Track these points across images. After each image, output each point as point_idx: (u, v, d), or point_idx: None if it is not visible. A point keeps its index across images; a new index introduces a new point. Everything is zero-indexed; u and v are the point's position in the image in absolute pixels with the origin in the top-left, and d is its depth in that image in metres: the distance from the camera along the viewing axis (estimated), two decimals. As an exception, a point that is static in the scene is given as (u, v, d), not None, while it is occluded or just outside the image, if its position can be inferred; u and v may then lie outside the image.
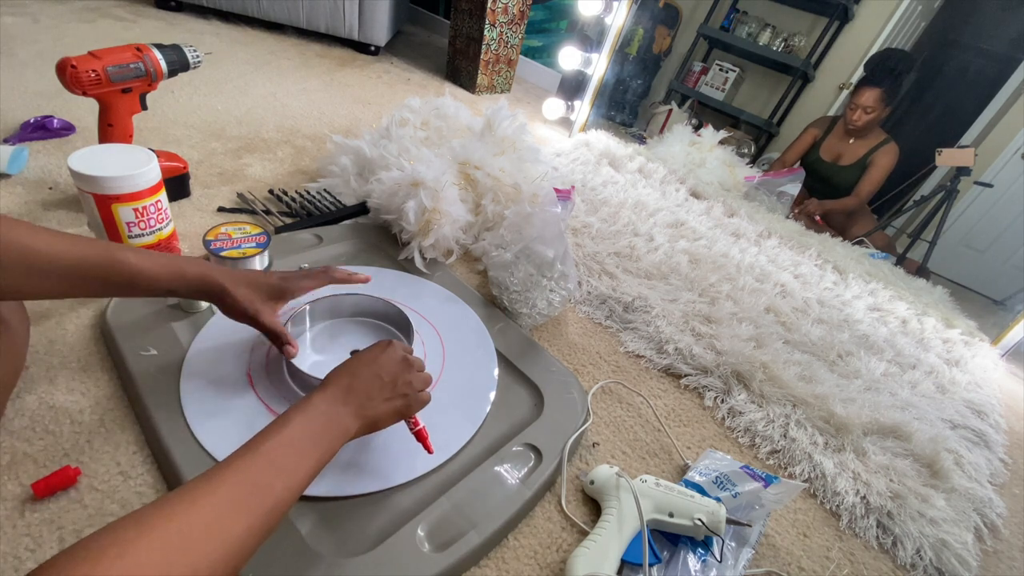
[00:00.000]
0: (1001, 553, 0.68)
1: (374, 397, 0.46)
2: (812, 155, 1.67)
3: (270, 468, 0.36)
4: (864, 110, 1.51)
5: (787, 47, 1.75)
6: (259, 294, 0.54)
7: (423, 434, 0.53)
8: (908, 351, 1.03)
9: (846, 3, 1.60)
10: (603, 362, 0.81)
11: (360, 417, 0.45)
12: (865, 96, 1.51)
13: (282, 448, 0.38)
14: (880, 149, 1.54)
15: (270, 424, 0.40)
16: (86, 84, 0.70)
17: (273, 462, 0.37)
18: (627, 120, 2.06)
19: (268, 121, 1.23)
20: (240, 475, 0.35)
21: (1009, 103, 1.42)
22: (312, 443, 0.40)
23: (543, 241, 0.81)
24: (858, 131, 1.55)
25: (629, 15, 1.52)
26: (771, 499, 0.57)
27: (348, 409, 0.44)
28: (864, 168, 1.56)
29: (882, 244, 1.54)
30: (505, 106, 1.03)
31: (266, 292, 0.55)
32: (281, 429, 0.39)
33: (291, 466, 0.38)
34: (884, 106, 1.50)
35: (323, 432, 0.41)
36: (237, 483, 0.34)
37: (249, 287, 0.54)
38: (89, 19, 1.50)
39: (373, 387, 0.47)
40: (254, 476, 0.35)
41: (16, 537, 0.43)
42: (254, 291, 0.54)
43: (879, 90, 1.49)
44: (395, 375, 0.49)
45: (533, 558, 0.52)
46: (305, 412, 0.42)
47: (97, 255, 0.45)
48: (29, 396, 0.53)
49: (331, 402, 0.44)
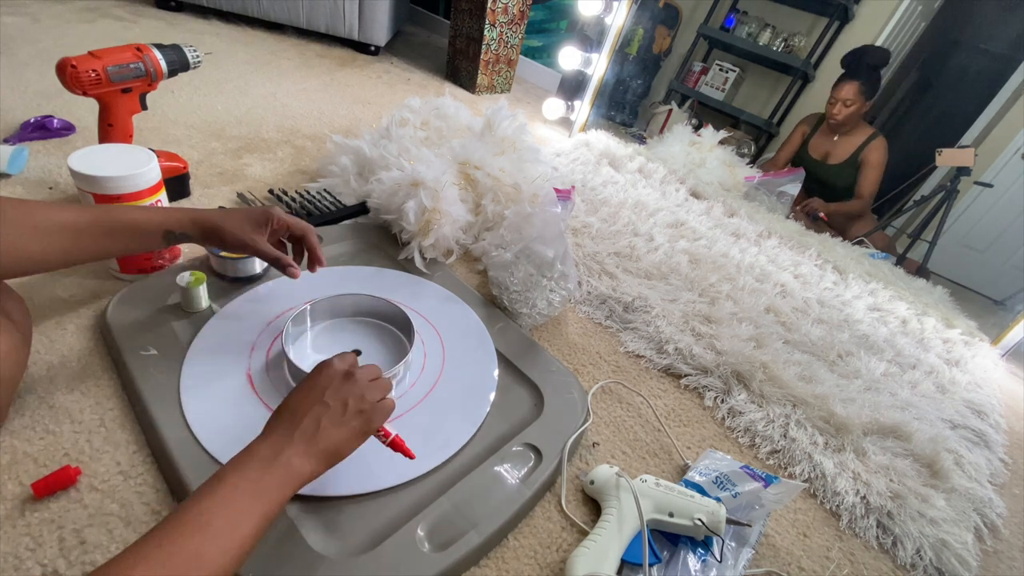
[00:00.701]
0: (1001, 553, 0.68)
1: (324, 427, 0.43)
2: (801, 152, 1.67)
3: (199, 535, 0.34)
4: (844, 103, 1.52)
5: (787, 47, 1.74)
6: (248, 223, 0.57)
7: (398, 443, 0.49)
8: (908, 351, 1.03)
9: (846, 3, 1.60)
10: (603, 362, 0.81)
11: (312, 455, 0.41)
12: (844, 90, 1.52)
13: (213, 511, 0.35)
14: (869, 146, 1.54)
15: (203, 484, 0.37)
16: (86, 84, 0.70)
17: (202, 528, 0.34)
18: (627, 120, 2.06)
19: (268, 121, 1.23)
20: (166, 548, 0.32)
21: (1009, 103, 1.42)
22: (251, 497, 0.37)
23: (543, 241, 0.81)
24: (840, 125, 1.56)
25: (629, 15, 1.52)
26: (771, 499, 0.57)
27: (295, 449, 0.41)
28: (855, 167, 1.57)
29: (882, 244, 1.54)
30: (505, 106, 1.03)
31: (252, 220, 0.58)
32: (214, 489, 0.36)
33: (226, 529, 0.35)
34: (864, 100, 1.51)
35: (264, 483, 0.38)
36: (162, 558, 0.31)
37: (236, 218, 0.57)
38: (89, 19, 1.50)
39: (320, 416, 0.43)
40: (179, 547, 0.32)
41: (16, 537, 0.43)
42: (243, 222, 0.57)
43: (857, 83, 1.51)
44: (341, 395, 0.45)
45: (533, 558, 0.52)
46: (241, 466, 0.39)
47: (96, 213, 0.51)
48: (29, 396, 0.53)
49: (272, 447, 0.40)
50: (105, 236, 0.51)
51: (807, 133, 1.66)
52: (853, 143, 1.56)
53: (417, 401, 0.62)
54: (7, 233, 0.45)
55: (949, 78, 1.53)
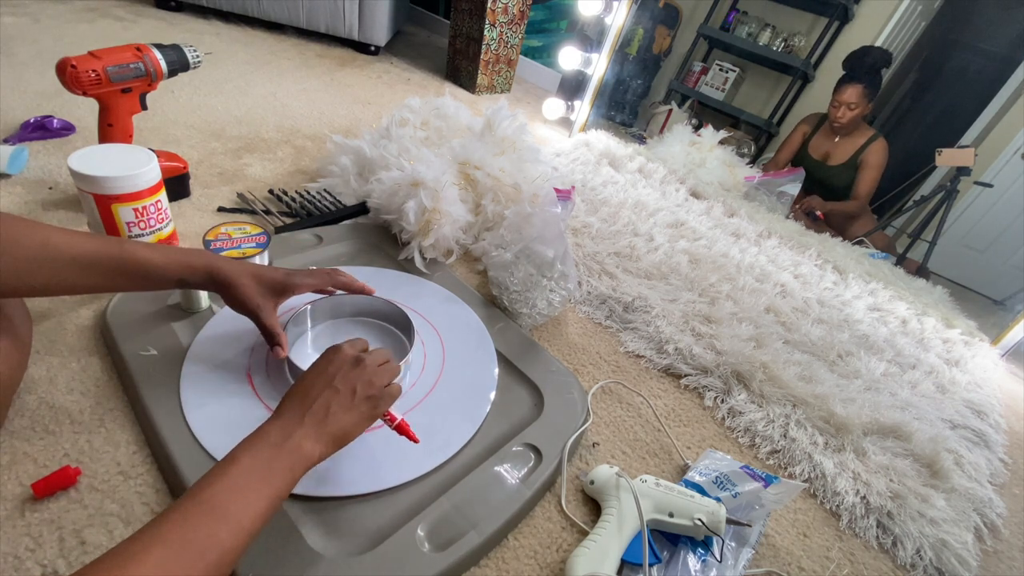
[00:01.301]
0: (1001, 553, 0.68)
1: (334, 412, 0.44)
2: (802, 152, 1.67)
3: (212, 517, 0.34)
4: (847, 106, 1.52)
5: (787, 47, 1.74)
6: (262, 288, 0.55)
7: (403, 427, 0.51)
8: (908, 351, 1.03)
9: (846, 3, 1.60)
10: (603, 362, 0.81)
11: (322, 437, 0.42)
12: (847, 93, 1.52)
13: (226, 493, 0.36)
14: (869, 148, 1.54)
15: (215, 465, 0.38)
16: (86, 84, 0.70)
17: (215, 509, 0.34)
18: (627, 120, 2.06)
19: (268, 121, 1.23)
20: (178, 530, 0.32)
21: (1009, 103, 1.42)
22: (262, 480, 0.38)
23: (543, 241, 0.81)
24: (843, 128, 1.56)
25: (629, 15, 1.52)
26: (771, 499, 0.57)
27: (305, 431, 0.42)
28: (855, 168, 1.57)
29: (882, 244, 1.54)
30: (505, 106, 1.03)
31: (269, 287, 0.55)
32: (226, 471, 0.37)
33: (237, 511, 0.35)
34: (867, 102, 1.52)
35: (274, 466, 0.39)
36: (174, 541, 0.32)
37: (253, 280, 0.54)
38: (89, 19, 1.50)
39: (330, 401, 0.44)
40: (194, 529, 0.33)
41: (16, 537, 0.43)
42: (258, 285, 0.55)
43: (860, 86, 1.51)
44: (351, 381, 0.46)
45: (533, 558, 0.52)
46: (252, 448, 0.39)
47: (110, 248, 0.48)
48: (29, 396, 0.53)
49: (283, 430, 0.41)
50: (117, 275, 0.49)
51: (808, 133, 1.66)
52: (854, 144, 1.56)
53: (417, 401, 0.62)
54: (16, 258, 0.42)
55: (949, 78, 1.53)
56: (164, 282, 0.51)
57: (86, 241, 0.46)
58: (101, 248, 0.47)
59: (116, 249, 0.48)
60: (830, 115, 1.58)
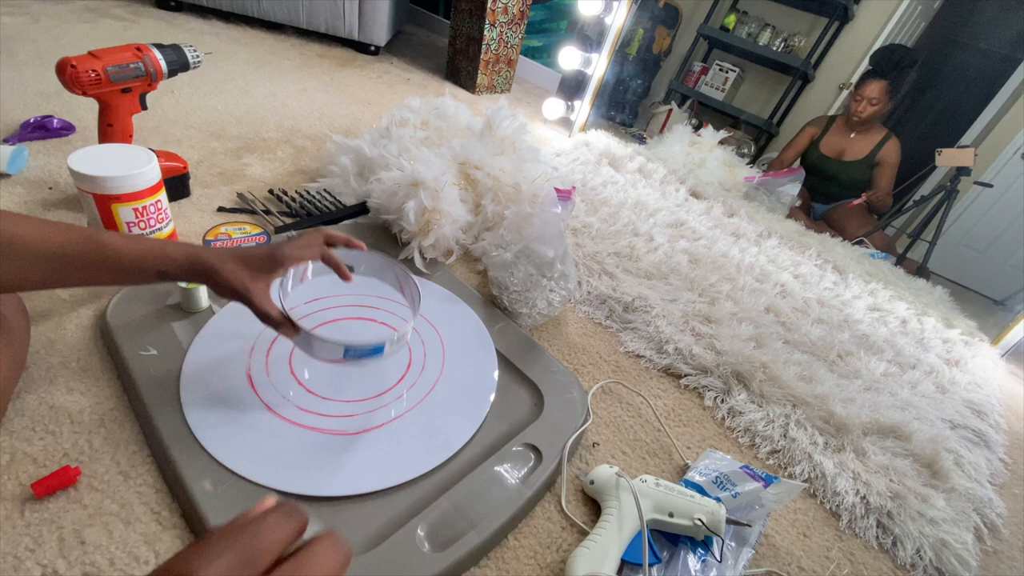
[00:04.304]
0: (1001, 553, 0.68)
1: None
2: (813, 153, 1.67)
3: None
4: (870, 102, 1.53)
5: (787, 47, 1.75)
6: (249, 270, 0.50)
7: None
8: (908, 351, 1.03)
9: (846, 3, 1.60)
10: (603, 362, 0.81)
11: None
12: (871, 88, 1.53)
13: None
14: (884, 147, 1.55)
15: None
16: (86, 84, 0.70)
17: None
18: (627, 120, 2.06)
19: (268, 121, 1.23)
20: None
21: (1009, 103, 1.42)
22: None
23: (543, 241, 0.81)
24: (862, 123, 1.57)
25: (629, 15, 1.52)
26: (771, 499, 0.57)
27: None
28: (870, 165, 1.58)
29: (882, 244, 1.54)
30: (505, 106, 1.03)
31: (256, 266, 0.51)
32: None
33: None
34: (888, 99, 1.52)
35: None
36: None
37: (237, 263, 0.50)
38: (89, 19, 1.50)
39: None
40: None
41: (16, 537, 0.43)
42: (243, 266, 0.50)
43: (884, 82, 1.51)
44: None
45: (533, 558, 0.52)
46: None
47: (81, 239, 0.45)
48: (29, 396, 0.53)
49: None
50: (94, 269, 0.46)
51: (817, 135, 1.67)
52: (870, 141, 1.57)
53: (417, 401, 0.62)
54: None
55: (949, 78, 1.54)
56: (143, 274, 0.48)
57: (56, 233, 0.43)
58: (72, 239, 0.44)
59: (89, 242, 0.45)
60: (850, 109, 1.58)
